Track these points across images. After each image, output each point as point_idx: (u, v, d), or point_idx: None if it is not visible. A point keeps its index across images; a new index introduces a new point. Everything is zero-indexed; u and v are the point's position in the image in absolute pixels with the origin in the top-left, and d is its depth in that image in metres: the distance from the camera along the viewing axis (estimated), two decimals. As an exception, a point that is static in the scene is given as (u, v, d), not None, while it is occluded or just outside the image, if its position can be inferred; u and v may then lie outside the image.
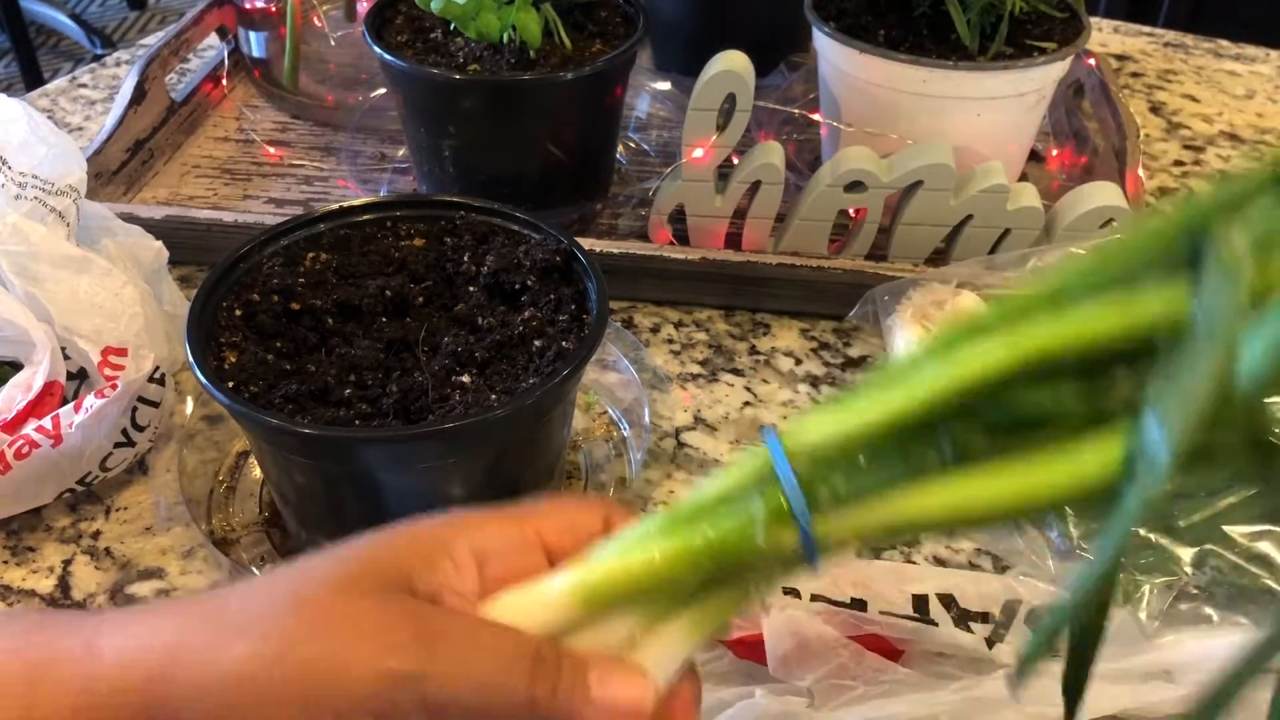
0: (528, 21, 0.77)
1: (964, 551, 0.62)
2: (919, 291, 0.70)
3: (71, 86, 1.09)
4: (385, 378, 0.53)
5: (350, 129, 0.98)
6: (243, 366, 0.53)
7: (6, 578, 0.60)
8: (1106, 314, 0.32)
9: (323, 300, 0.57)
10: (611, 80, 0.81)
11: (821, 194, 0.76)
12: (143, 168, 0.92)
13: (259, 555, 0.60)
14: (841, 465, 0.34)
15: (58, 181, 0.64)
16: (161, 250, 0.69)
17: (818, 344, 0.77)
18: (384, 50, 0.78)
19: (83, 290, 0.61)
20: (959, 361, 0.32)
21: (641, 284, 0.80)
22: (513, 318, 0.56)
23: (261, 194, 0.92)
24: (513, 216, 0.61)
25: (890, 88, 0.79)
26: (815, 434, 0.34)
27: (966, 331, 0.33)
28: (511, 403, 0.50)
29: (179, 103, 0.98)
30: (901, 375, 0.33)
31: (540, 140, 0.81)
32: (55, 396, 0.60)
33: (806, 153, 0.94)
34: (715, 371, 0.75)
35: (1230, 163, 0.99)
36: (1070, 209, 0.75)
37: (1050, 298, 0.32)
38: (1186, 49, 1.19)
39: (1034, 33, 0.80)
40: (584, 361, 0.52)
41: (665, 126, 0.99)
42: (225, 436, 0.67)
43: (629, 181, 0.92)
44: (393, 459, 0.51)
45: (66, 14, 2.89)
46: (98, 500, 0.65)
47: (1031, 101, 0.81)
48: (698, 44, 0.85)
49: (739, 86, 0.74)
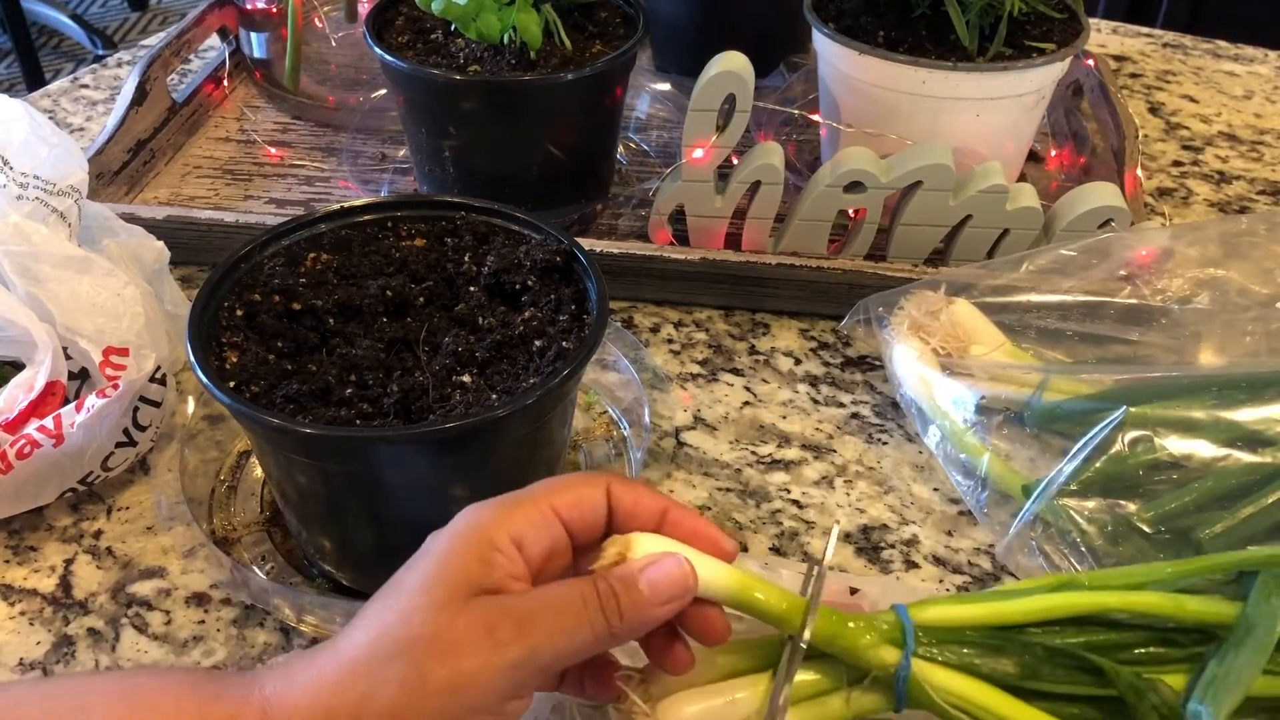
0: (528, 22, 0.77)
1: (963, 551, 0.62)
2: (911, 301, 0.70)
3: (73, 87, 1.09)
4: (386, 378, 0.53)
5: (351, 130, 0.98)
6: (244, 366, 0.53)
7: (8, 577, 0.60)
8: (1163, 601, 0.48)
9: (324, 300, 0.57)
10: (611, 81, 0.81)
11: (821, 194, 0.76)
12: (144, 168, 0.93)
13: (260, 554, 0.60)
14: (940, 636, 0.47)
15: (59, 182, 0.64)
16: (163, 250, 0.69)
17: (817, 344, 0.77)
18: (385, 51, 0.78)
19: (84, 290, 0.61)
20: (1052, 598, 0.48)
21: (641, 284, 0.80)
22: (513, 318, 0.56)
23: (263, 194, 0.92)
24: (513, 217, 0.62)
25: (889, 88, 0.79)
26: (933, 612, 0.48)
27: (1067, 581, 0.49)
28: (512, 403, 0.50)
29: (180, 103, 0.98)
30: (1005, 595, 0.49)
31: (540, 141, 0.81)
32: (57, 396, 0.61)
33: (806, 153, 0.94)
34: (715, 371, 0.75)
35: (1229, 163, 0.99)
36: (1069, 209, 0.75)
37: (1127, 577, 0.49)
38: (1185, 50, 1.19)
39: (1033, 33, 0.81)
40: (584, 361, 0.53)
41: (665, 127, 0.99)
42: (226, 436, 0.67)
43: (629, 181, 0.92)
44: (393, 459, 0.52)
45: (68, 15, 2.89)
46: (99, 500, 0.65)
47: (1030, 102, 0.81)
48: (698, 44, 0.85)
49: (739, 87, 0.74)
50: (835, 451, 0.69)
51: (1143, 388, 0.65)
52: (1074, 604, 0.48)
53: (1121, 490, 0.59)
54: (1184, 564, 0.50)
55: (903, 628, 0.47)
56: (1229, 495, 0.58)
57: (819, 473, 0.67)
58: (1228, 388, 0.63)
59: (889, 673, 0.46)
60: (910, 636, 0.46)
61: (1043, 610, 0.48)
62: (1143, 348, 0.70)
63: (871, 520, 0.64)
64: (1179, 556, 0.57)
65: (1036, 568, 0.59)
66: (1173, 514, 0.58)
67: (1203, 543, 0.57)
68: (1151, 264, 0.72)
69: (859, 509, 0.65)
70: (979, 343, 0.69)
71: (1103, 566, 0.58)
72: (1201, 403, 0.63)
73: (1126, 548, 0.58)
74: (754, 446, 0.69)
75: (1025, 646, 0.48)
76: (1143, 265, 0.72)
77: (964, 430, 0.64)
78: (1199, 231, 0.73)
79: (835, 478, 0.67)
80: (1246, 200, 0.94)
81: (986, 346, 0.68)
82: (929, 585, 0.60)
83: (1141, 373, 0.66)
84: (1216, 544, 0.57)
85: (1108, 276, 0.71)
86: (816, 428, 0.71)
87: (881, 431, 0.70)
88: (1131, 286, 0.71)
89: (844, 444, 0.69)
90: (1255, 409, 0.61)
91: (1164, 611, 0.48)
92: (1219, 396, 0.63)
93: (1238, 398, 0.62)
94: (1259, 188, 0.96)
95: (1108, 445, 0.59)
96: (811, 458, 0.68)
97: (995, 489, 0.63)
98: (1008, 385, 0.67)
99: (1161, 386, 0.64)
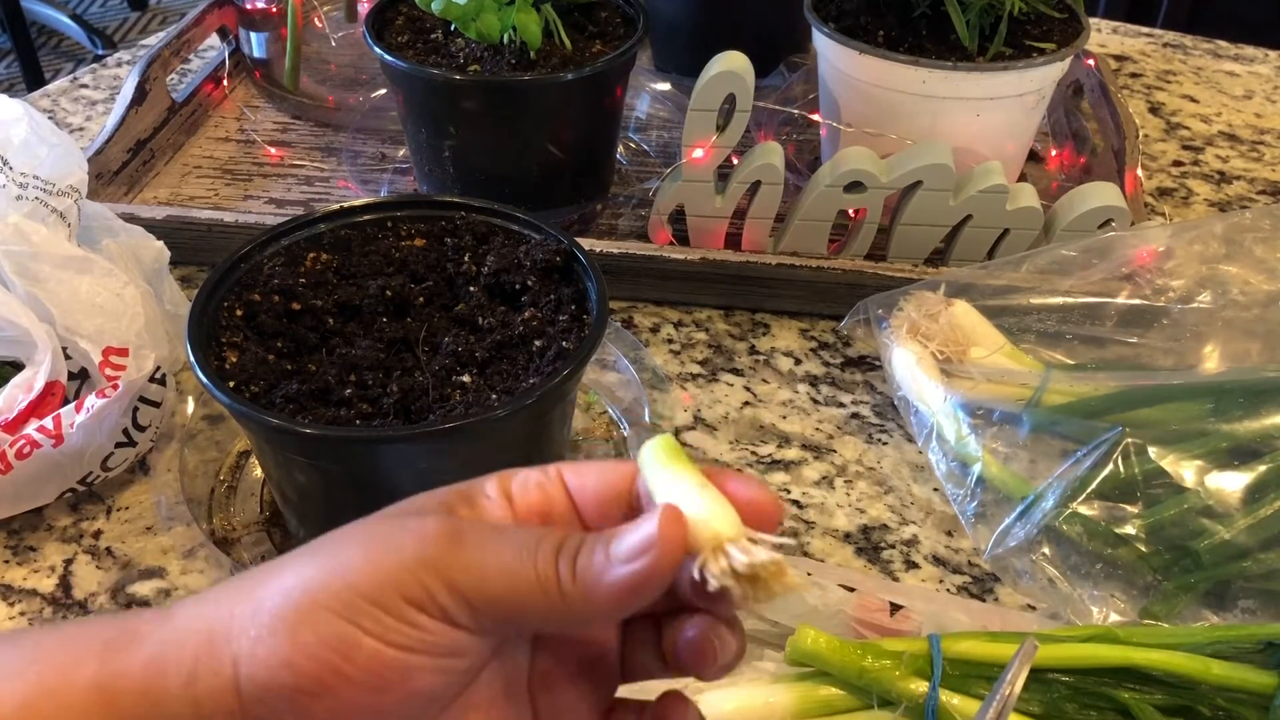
0: (528, 22, 0.77)
1: (963, 551, 0.62)
2: (910, 303, 0.70)
3: (73, 87, 1.09)
4: (386, 378, 0.53)
5: (351, 129, 0.98)
6: (244, 366, 0.53)
7: (8, 577, 0.60)
8: (1190, 662, 0.50)
9: (323, 300, 0.57)
10: (611, 81, 0.81)
11: (821, 194, 0.76)
12: (144, 168, 0.93)
13: (260, 554, 0.60)
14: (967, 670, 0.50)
15: (59, 182, 0.64)
16: (162, 250, 0.69)
17: (817, 344, 0.77)
18: (384, 51, 0.78)
19: (84, 290, 0.61)
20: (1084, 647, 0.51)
21: (641, 284, 0.80)
22: (513, 318, 0.56)
23: (262, 194, 0.92)
24: (513, 216, 0.62)
25: (890, 88, 0.79)
26: (965, 645, 0.51)
27: (1101, 633, 0.52)
28: (512, 403, 0.50)
29: (180, 103, 0.98)
30: (1055, 639, 0.51)
31: (540, 140, 0.81)
32: (56, 396, 0.61)
33: (806, 153, 0.94)
34: (715, 371, 0.75)
35: (1229, 163, 0.99)
36: (1069, 209, 0.75)
37: (1158, 636, 0.52)
38: (1185, 49, 1.19)
39: (1033, 33, 0.81)
40: (584, 361, 0.53)
41: (665, 126, 0.99)
42: (226, 436, 0.67)
43: (629, 181, 0.92)
44: (393, 459, 0.52)
45: (68, 14, 2.89)
46: (99, 500, 0.65)
47: (1031, 102, 0.81)
48: (698, 44, 0.85)
49: (739, 87, 0.74)
50: (835, 452, 0.69)
51: (1141, 393, 0.65)
52: (1103, 655, 0.50)
53: (1117, 501, 0.59)
54: (1216, 630, 0.53)
55: (932, 659, 0.49)
56: (1227, 507, 0.58)
57: (819, 473, 0.67)
58: (1226, 396, 0.63)
59: (918, 702, 0.49)
60: (938, 668, 0.49)
61: (1073, 659, 0.50)
62: (1143, 349, 0.70)
63: (871, 520, 0.64)
64: (1176, 568, 0.58)
65: (1025, 575, 0.59)
66: (1169, 525, 0.58)
67: (1200, 554, 0.57)
68: (1152, 263, 0.72)
69: (859, 509, 0.65)
70: (978, 345, 0.68)
71: (1094, 577, 0.59)
72: (1200, 410, 0.63)
73: (1121, 558, 0.59)
74: (754, 446, 0.69)
75: (1049, 684, 0.50)
76: (1143, 264, 0.72)
77: (961, 438, 0.64)
78: (1201, 228, 0.73)
79: (835, 478, 0.67)
80: (1247, 200, 0.94)
81: (986, 349, 0.68)
82: (929, 585, 0.60)
83: (1140, 377, 0.66)
84: (1214, 556, 0.57)
85: (1108, 276, 0.71)
86: (816, 428, 0.71)
87: (881, 432, 0.70)
88: (1132, 286, 0.71)
89: (844, 444, 0.69)
90: (1253, 421, 0.62)
91: (1190, 673, 0.50)
92: (1217, 405, 0.63)
93: (1235, 407, 0.63)
94: (1259, 188, 0.96)
95: (1104, 460, 0.59)
96: (811, 458, 0.68)
97: (992, 492, 0.62)
98: (1007, 388, 0.66)
99: (1160, 392, 0.64)
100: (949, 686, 0.49)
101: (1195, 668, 0.50)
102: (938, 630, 0.52)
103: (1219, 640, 0.52)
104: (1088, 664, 0.50)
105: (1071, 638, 0.51)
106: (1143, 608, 0.58)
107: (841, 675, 0.50)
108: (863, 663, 0.49)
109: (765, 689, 0.51)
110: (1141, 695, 0.50)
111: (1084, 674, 0.51)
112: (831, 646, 0.50)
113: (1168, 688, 0.51)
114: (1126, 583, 0.59)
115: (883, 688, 0.49)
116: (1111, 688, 0.50)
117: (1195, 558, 0.57)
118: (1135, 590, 0.58)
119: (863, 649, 0.50)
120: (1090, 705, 0.50)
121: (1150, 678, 0.51)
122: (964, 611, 0.54)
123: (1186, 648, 0.51)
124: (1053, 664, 0.50)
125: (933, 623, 0.54)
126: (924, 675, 0.49)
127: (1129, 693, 0.50)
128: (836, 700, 0.50)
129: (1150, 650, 0.50)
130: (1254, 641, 0.51)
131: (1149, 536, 0.58)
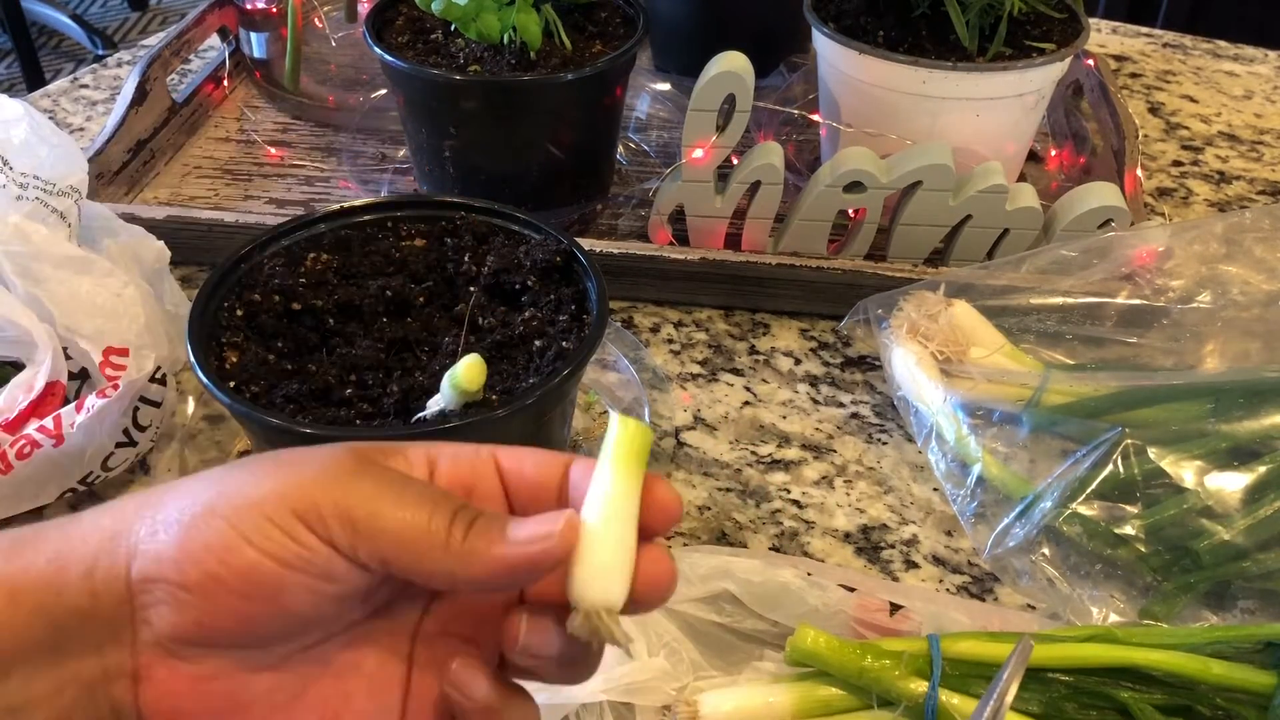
0: (528, 22, 0.77)
1: (963, 551, 0.62)
2: (909, 302, 0.70)
3: (73, 87, 1.09)
4: (386, 378, 0.53)
5: (351, 130, 0.98)
6: (244, 366, 0.53)
7: (8, 577, 0.60)
8: (1189, 662, 0.50)
9: (324, 300, 0.57)
10: (611, 81, 0.81)
11: (821, 194, 0.76)
12: (144, 168, 0.93)
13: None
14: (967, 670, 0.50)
15: (59, 182, 0.64)
16: (163, 250, 0.69)
17: (817, 344, 0.77)
18: (385, 51, 0.78)
19: (84, 290, 0.61)
20: (1084, 647, 0.51)
21: (641, 284, 0.80)
22: (513, 318, 0.56)
23: (262, 194, 0.92)
24: (513, 217, 0.62)
25: (889, 88, 0.79)
26: (965, 645, 0.51)
27: (1100, 633, 0.52)
28: (511, 403, 0.50)
29: (180, 103, 0.98)
30: (1037, 639, 0.50)
31: (540, 141, 0.81)
32: (57, 396, 0.61)
33: (806, 153, 0.94)
34: (715, 371, 0.75)
35: (1228, 163, 0.99)
36: (1069, 209, 0.75)
37: (1158, 636, 0.52)
38: (1185, 50, 1.19)
39: (1033, 33, 0.81)
40: (584, 361, 0.53)
41: (665, 127, 0.99)
42: (226, 436, 0.67)
43: (629, 181, 0.92)
44: (393, 458, 0.52)
45: (68, 15, 2.89)
46: (99, 500, 0.65)
47: (1030, 102, 0.81)
48: (698, 44, 0.85)
49: (739, 87, 0.74)
50: (835, 451, 0.69)
51: (1141, 393, 0.65)
52: (1103, 655, 0.50)
53: (1117, 501, 0.59)
54: (1215, 630, 0.53)
55: (931, 659, 0.49)
56: (1226, 508, 0.59)
57: (819, 473, 0.67)
58: (1226, 396, 0.63)
59: (918, 702, 0.49)
60: (938, 668, 0.49)
61: (1072, 658, 0.50)
62: (1143, 349, 0.70)
63: (871, 520, 0.64)
64: (1175, 569, 0.58)
65: (1025, 576, 0.59)
66: (1169, 526, 0.58)
67: (1200, 555, 0.57)
68: (1152, 263, 0.72)
69: (859, 509, 0.65)
70: (978, 345, 0.69)
71: (1094, 577, 0.59)
72: (1200, 411, 0.63)
73: (1120, 558, 0.59)
74: (754, 446, 0.69)
75: (1048, 683, 0.50)
76: (1143, 264, 0.72)
77: (961, 438, 0.64)
78: (1200, 229, 0.73)
79: (835, 478, 0.67)
80: (1246, 200, 0.94)
81: (986, 349, 0.68)
82: (929, 585, 0.60)
83: (1140, 377, 0.66)
84: (1214, 556, 0.57)
85: (1108, 276, 0.71)
86: (816, 428, 0.71)
87: (881, 431, 0.70)
88: (1132, 286, 0.71)
89: (844, 444, 0.69)
90: (1253, 421, 0.62)
91: (1190, 673, 0.50)
92: (1217, 405, 0.63)
93: (1235, 408, 0.63)
94: (1259, 188, 0.96)
95: (1104, 460, 0.59)
96: (811, 458, 0.68)
97: (992, 492, 0.63)
98: (1007, 388, 0.67)
99: (1160, 393, 0.64)
100: (948, 686, 0.49)
101: (1195, 668, 0.50)
102: (937, 630, 0.52)
103: (1218, 640, 0.52)
104: (1087, 664, 0.50)
105: (1071, 638, 0.51)
106: (1142, 608, 0.58)
107: (841, 675, 0.50)
108: (862, 663, 0.50)
109: (765, 689, 0.51)
110: (1141, 695, 0.50)
111: (1083, 674, 0.51)
112: (831, 646, 0.50)
113: (1167, 688, 0.51)
114: (1126, 583, 0.59)
115: (882, 688, 0.50)
116: (1111, 687, 0.50)
117: (1195, 558, 0.57)
118: (1135, 590, 0.59)
119: (862, 649, 0.50)
120: (1090, 705, 0.50)
121: (1150, 678, 0.51)
122: (964, 611, 0.55)
123: (1186, 648, 0.51)
124: (1052, 664, 0.50)
125: (932, 623, 0.54)
126: (923, 675, 0.49)
127: (1128, 692, 0.50)
128: (836, 700, 0.50)
129: (1150, 650, 0.51)
130: (1253, 641, 0.52)
131: (1149, 537, 0.58)
